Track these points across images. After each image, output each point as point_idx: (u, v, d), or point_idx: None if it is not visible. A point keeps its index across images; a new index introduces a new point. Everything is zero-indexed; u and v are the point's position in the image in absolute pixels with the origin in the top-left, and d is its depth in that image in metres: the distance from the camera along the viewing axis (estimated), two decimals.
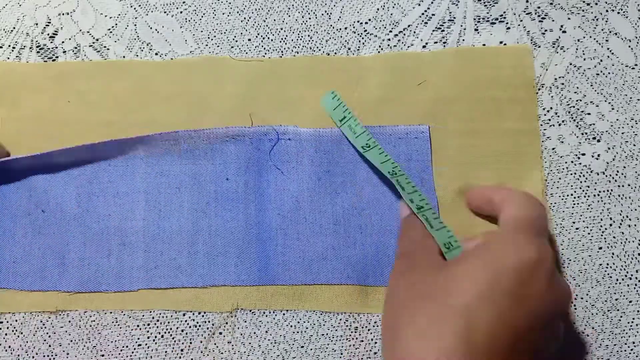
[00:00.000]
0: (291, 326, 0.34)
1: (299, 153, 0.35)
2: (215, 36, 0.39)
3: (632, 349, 0.33)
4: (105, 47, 0.38)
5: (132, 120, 0.37)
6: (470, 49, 0.37)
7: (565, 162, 0.36)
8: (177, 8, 0.39)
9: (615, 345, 0.33)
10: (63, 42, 0.39)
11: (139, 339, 0.34)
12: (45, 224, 0.35)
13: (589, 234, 0.35)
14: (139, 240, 0.35)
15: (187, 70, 0.38)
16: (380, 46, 0.38)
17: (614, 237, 0.34)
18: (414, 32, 0.38)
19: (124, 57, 0.38)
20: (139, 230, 0.35)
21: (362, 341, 0.34)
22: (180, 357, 0.34)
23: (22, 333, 0.34)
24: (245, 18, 0.39)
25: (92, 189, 0.36)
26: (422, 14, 0.38)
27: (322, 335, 0.34)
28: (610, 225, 0.35)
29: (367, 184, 0.35)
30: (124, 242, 0.35)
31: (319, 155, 0.35)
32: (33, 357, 0.34)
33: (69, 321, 0.35)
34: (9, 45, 0.39)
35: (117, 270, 0.35)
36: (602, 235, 0.35)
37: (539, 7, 0.38)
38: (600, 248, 0.34)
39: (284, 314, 0.34)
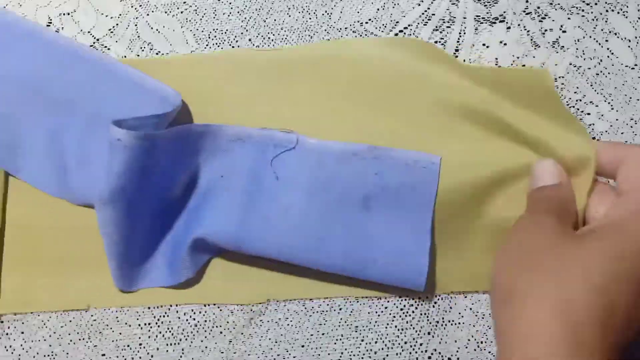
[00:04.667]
0: (292, 325, 0.34)
1: (299, 164, 0.34)
2: (216, 36, 0.39)
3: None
4: (106, 47, 0.38)
5: None
6: (488, 68, 0.37)
7: None
8: (177, 8, 0.39)
9: None
10: None
11: (140, 337, 0.34)
12: None
13: None
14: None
15: (190, 66, 0.37)
16: None
17: None
18: (414, 32, 0.38)
19: (124, 57, 0.38)
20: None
21: (363, 340, 0.34)
22: (181, 357, 0.34)
23: (22, 332, 0.34)
24: (245, 18, 0.39)
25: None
26: (422, 14, 0.38)
27: (323, 334, 0.34)
28: None
29: (361, 208, 0.33)
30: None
31: (319, 169, 0.33)
32: (34, 356, 0.34)
33: (70, 320, 0.35)
34: None
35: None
36: None
37: (538, 7, 0.38)
38: None
39: (284, 313, 0.34)
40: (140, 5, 0.39)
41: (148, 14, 0.39)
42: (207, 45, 0.38)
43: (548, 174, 0.31)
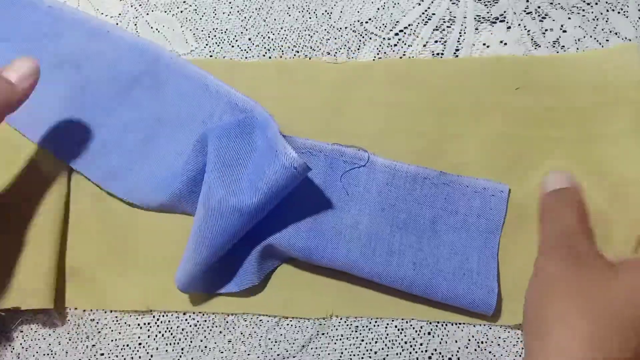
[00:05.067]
0: (291, 325, 0.34)
1: (369, 181, 0.34)
2: (215, 35, 0.39)
3: None
4: None
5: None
6: (565, 56, 0.36)
7: None
8: (177, 7, 0.39)
9: None
10: None
11: (139, 337, 0.34)
12: None
13: None
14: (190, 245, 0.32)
15: (278, 70, 0.37)
16: (380, 45, 0.38)
17: None
18: (414, 31, 0.38)
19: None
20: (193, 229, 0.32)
21: (363, 340, 0.34)
22: (180, 356, 0.34)
23: (22, 331, 0.34)
24: (245, 17, 0.39)
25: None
26: (422, 13, 0.38)
27: (323, 334, 0.34)
28: None
29: (429, 229, 0.34)
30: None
31: (389, 188, 0.34)
32: (33, 355, 0.34)
33: (69, 319, 0.35)
34: None
35: None
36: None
37: (539, 7, 0.38)
38: None
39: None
40: (140, 5, 0.39)
41: (147, 13, 0.39)
42: (206, 44, 0.38)
43: (558, 180, 0.31)
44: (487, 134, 0.35)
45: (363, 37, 0.38)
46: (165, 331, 0.34)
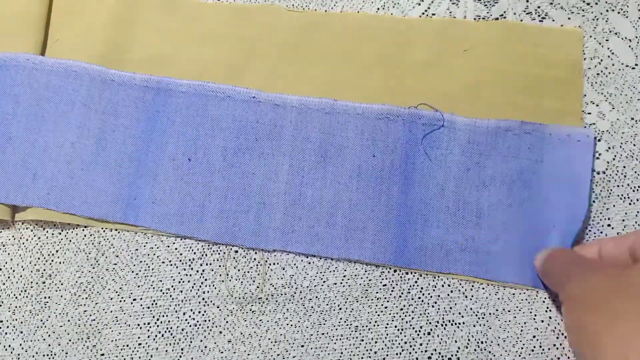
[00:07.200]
0: (291, 325, 0.34)
1: (450, 141, 0.35)
2: None
3: None
4: None
5: (180, 56, 0.38)
6: (519, 24, 0.38)
7: None
8: None
9: None
10: None
11: (139, 337, 0.34)
12: (190, 172, 0.36)
13: (586, 234, 0.35)
14: (279, 202, 0.35)
15: (238, 14, 0.38)
16: None
17: None
18: None
19: None
20: (280, 192, 0.35)
21: (363, 340, 0.34)
22: (180, 357, 0.34)
23: (21, 332, 0.34)
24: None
25: (238, 145, 0.36)
26: (422, 13, 0.38)
27: (323, 334, 0.34)
28: (609, 225, 0.35)
29: (518, 180, 0.34)
30: (264, 202, 0.35)
31: (471, 146, 0.35)
32: (33, 356, 0.34)
33: (69, 320, 0.35)
34: None
35: (254, 228, 0.35)
36: (600, 235, 0.34)
37: (539, 7, 0.38)
38: None
39: (284, 313, 0.34)
40: None
41: None
42: None
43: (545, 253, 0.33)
44: (429, 90, 0.36)
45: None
46: (165, 331, 0.34)
